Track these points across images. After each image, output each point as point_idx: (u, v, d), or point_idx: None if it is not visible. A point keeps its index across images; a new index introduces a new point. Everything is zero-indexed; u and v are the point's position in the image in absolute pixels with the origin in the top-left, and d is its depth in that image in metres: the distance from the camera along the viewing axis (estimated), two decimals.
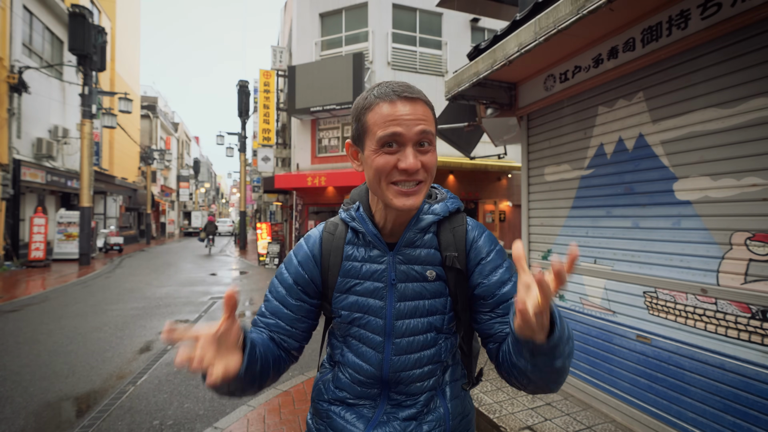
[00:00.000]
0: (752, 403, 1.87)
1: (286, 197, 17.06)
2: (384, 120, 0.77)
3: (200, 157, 48.88)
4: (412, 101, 0.79)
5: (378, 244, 0.87)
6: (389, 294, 0.86)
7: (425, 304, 0.87)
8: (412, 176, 0.78)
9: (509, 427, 2.57)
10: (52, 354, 4.19)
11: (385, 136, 0.76)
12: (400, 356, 0.86)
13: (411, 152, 0.77)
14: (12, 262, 10.82)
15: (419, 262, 0.87)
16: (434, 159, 0.81)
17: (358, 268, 0.88)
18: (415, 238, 0.87)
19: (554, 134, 3.22)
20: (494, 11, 4.75)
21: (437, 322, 0.87)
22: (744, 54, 1.92)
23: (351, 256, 0.89)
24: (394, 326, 0.86)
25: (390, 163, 0.78)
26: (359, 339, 0.89)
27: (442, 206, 0.90)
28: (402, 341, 0.86)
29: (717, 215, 2.04)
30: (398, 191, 0.78)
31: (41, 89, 12.02)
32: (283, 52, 14.66)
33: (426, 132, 0.78)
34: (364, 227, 0.88)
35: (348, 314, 0.88)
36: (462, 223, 0.91)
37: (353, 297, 0.88)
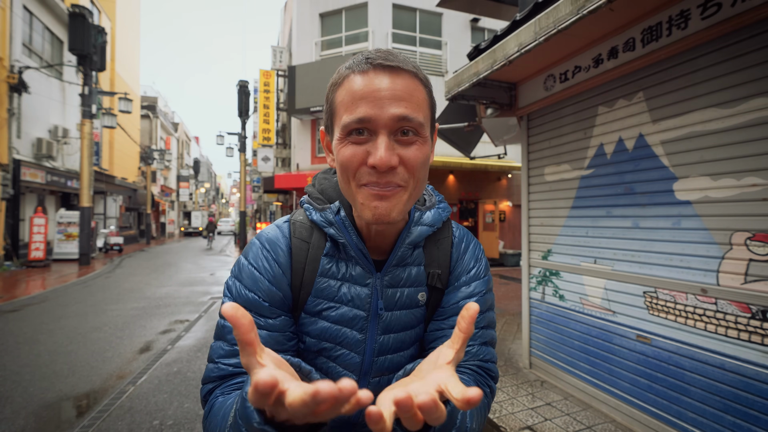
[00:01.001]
0: (752, 403, 1.87)
1: (286, 197, 17.07)
2: (352, 98, 0.57)
3: (200, 157, 48.89)
4: (392, 71, 0.57)
5: (362, 261, 0.68)
6: (371, 325, 0.69)
7: (411, 335, 0.71)
8: (384, 177, 0.57)
9: (509, 427, 2.57)
10: (52, 354, 4.19)
11: (350, 121, 0.57)
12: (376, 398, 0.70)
13: (384, 142, 0.56)
14: (12, 262, 10.82)
15: (409, 283, 0.70)
16: (422, 155, 0.59)
17: (334, 288, 0.68)
18: (406, 254, 0.70)
19: (554, 134, 3.22)
20: (494, 11, 4.76)
21: (416, 351, 0.73)
22: (744, 54, 1.92)
23: (328, 272, 0.69)
24: (373, 364, 0.69)
25: (356, 157, 0.58)
26: (327, 373, 0.70)
27: (434, 215, 0.72)
28: (381, 380, 0.70)
29: (717, 215, 2.04)
30: (369, 193, 0.59)
31: (41, 89, 12.02)
32: (283, 52, 14.66)
33: (406, 118, 0.56)
34: (346, 237, 0.67)
35: (315, 342, 0.69)
36: (448, 235, 0.76)
37: (324, 323, 0.68)
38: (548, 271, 3.30)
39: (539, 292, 3.40)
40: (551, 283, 3.26)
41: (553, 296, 3.23)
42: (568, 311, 3.07)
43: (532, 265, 3.49)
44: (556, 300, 3.19)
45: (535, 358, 3.45)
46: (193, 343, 4.59)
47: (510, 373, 3.45)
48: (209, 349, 0.68)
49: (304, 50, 12.61)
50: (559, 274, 3.18)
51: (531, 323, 3.49)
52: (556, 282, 3.20)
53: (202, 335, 4.93)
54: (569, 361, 3.04)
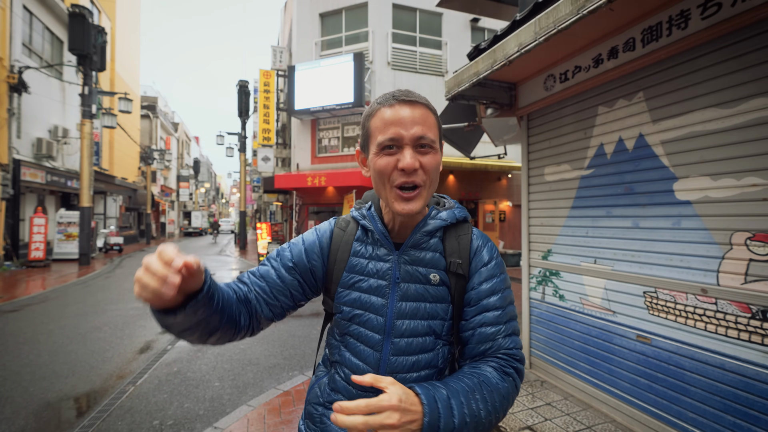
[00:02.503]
0: (752, 403, 1.87)
1: (286, 197, 17.06)
2: (384, 124, 0.81)
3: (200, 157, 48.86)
4: (411, 104, 0.82)
5: (385, 243, 0.89)
6: (392, 292, 0.87)
7: (426, 307, 0.87)
8: (410, 176, 0.80)
9: (509, 427, 2.57)
10: (52, 354, 4.19)
11: (384, 140, 0.80)
12: (398, 357, 0.85)
13: (409, 153, 0.80)
14: (12, 262, 10.82)
15: (424, 264, 0.88)
16: (434, 161, 0.83)
17: (364, 264, 0.90)
18: (421, 240, 0.89)
19: (554, 134, 3.22)
20: (494, 11, 4.75)
21: (437, 327, 0.87)
22: (744, 54, 1.92)
23: (358, 253, 0.91)
24: (394, 325, 0.86)
25: (390, 165, 0.81)
26: (358, 338, 0.89)
27: (449, 213, 0.92)
28: (401, 341, 0.86)
29: (717, 215, 2.04)
30: (399, 195, 0.81)
31: (41, 89, 12.02)
32: (283, 52, 14.66)
33: (423, 136, 0.80)
34: (373, 225, 0.91)
35: (350, 310, 0.89)
36: (467, 232, 0.93)
37: (356, 293, 0.89)
38: (548, 271, 3.30)
39: (539, 292, 3.40)
40: (551, 283, 3.26)
41: (553, 296, 3.23)
42: (568, 311, 3.07)
43: (532, 265, 3.49)
44: (556, 300, 3.19)
45: (535, 358, 3.45)
46: None
47: None
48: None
49: (304, 50, 12.60)
50: (559, 274, 3.18)
51: (531, 323, 3.49)
52: (556, 282, 3.20)
53: None
54: (569, 361, 3.04)
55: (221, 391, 3.36)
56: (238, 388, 3.46)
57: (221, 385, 3.48)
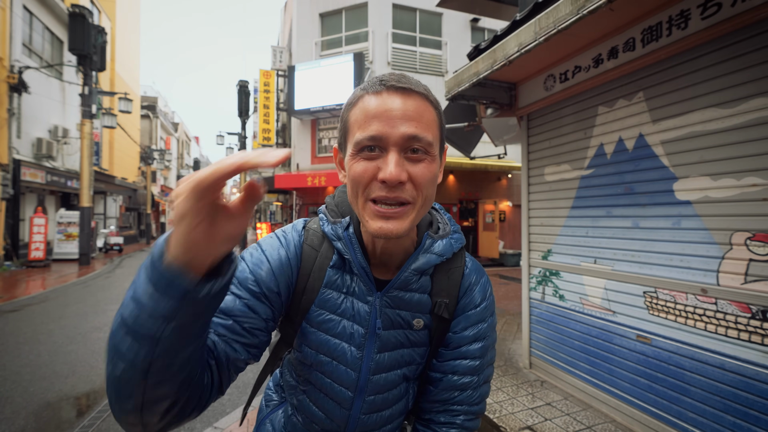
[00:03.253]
0: (752, 403, 1.87)
1: (286, 197, 17.06)
2: (365, 117, 0.60)
3: (200, 157, 48.88)
4: (404, 93, 0.60)
5: (364, 280, 0.70)
6: (369, 343, 0.70)
7: (404, 354, 0.73)
8: (393, 191, 0.59)
9: (509, 427, 2.57)
10: (52, 354, 4.18)
11: (363, 138, 0.59)
12: (371, 414, 0.72)
13: (394, 158, 0.58)
14: (12, 262, 10.82)
15: (409, 308, 0.72)
16: (429, 173, 0.61)
17: (338, 301, 0.70)
18: (411, 280, 0.71)
19: (554, 134, 3.22)
20: (494, 11, 4.75)
21: (410, 372, 0.75)
22: (744, 54, 1.92)
23: (333, 284, 0.71)
24: (369, 381, 0.71)
25: (368, 172, 0.60)
26: (322, 389, 0.72)
27: (446, 245, 0.73)
28: (376, 398, 0.72)
29: (717, 215, 2.04)
30: (376, 212, 0.60)
31: (41, 89, 12.02)
32: (283, 52, 14.66)
33: (416, 137, 0.59)
34: (351, 254, 0.69)
35: (313, 354, 0.71)
36: (460, 265, 0.76)
37: (323, 336, 0.70)
38: (548, 271, 3.30)
39: (539, 292, 3.40)
40: (551, 283, 3.26)
41: (553, 296, 3.23)
42: (568, 311, 3.06)
43: (532, 265, 3.49)
44: (556, 300, 3.19)
45: (535, 358, 3.45)
46: None
47: (510, 373, 3.45)
48: None
49: (304, 50, 12.60)
50: (559, 274, 3.18)
51: (531, 323, 3.49)
52: (556, 282, 3.20)
53: None
54: (569, 361, 3.04)
55: None
56: (239, 388, 3.46)
57: None
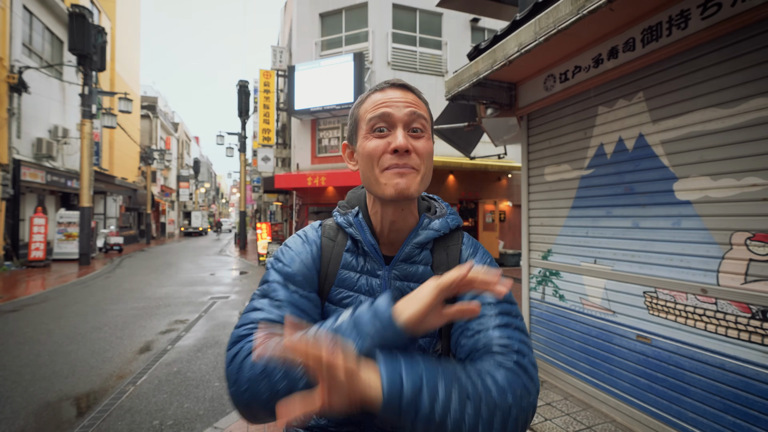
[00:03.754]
0: (752, 403, 1.87)
1: (286, 197, 17.06)
2: (374, 105, 0.77)
3: (200, 157, 48.87)
4: (403, 88, 0.79)
5: (374, 255, 0.81)
6: None
7: None
8: (402, 158, 0.74)
9: None
10: (52, 354, 4.18)
11: (374, 117, 0.75)
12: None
13: (402, 132, 0.74)
14: (12, 262, 10.82)
15: (415, 279, 0.81)
16: (428, 147, 0.78)
17: (353, 279, 0.81)
18: (413, 253, 0.81)
19: (554, 134, 3.22)
20: (494, 11, 4.75)
21: (424, 343, 0.80)
22: (744, 54, 1.92)
23: (349, 265, 0.82)
24: None
25: (380, 147, 0.75)
26: None
27: (442, 222, 0.84)
28: None
29: (717, 215, 2.04)
30: (392, 172, 0.74)
31: (41, 89, 12.02)
32: (283, 52, 14.66)
33: (417, 114, 0.76)
34: (361, 236, 0.82)
35: None
36: (457, 242, 0.86)
37: (343, 311, 0.79)
38: (548, 271, 3.30)
39: (539, 292, 3.40)
40: (551, 283, 3.26)
41: (553, 296, 3.23)
42: (568, 311, 3.07)
43: (532, 265, 3.49)
44: (556, 300, 3.19)
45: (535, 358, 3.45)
46: (193, 343, 4.59)
47: None
48: (247, 306, 0.76)
49: (304, 50, 12.60)
50: (559, 274, 3.18)
51: (531, 323, 3.49)
52: (556, 282, 3.20)
53: (203, 335, 4.93)
54: (569, 361, 3.04)
55: (221, 391, 3.36)
56: None
57: (221, 385, 3.48)
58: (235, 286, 8.83)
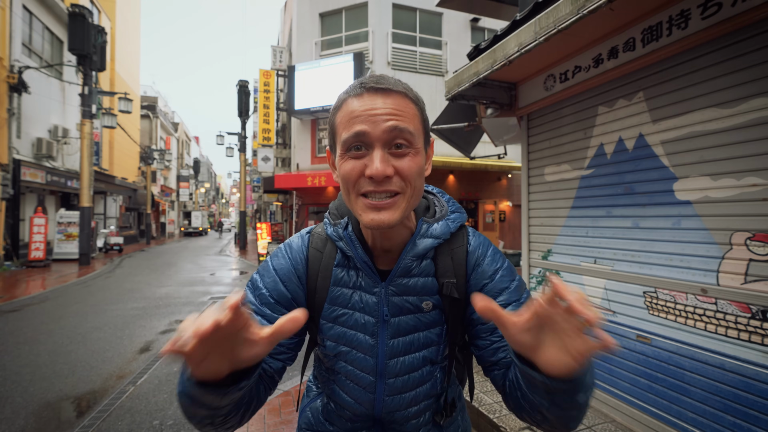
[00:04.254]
0: (752, 403, 1.87)
1: (286, 197, 17.06)
2: (349, 118, 0.65)
3: (200, 157, 48.90)
4: (383, 93, 0.65)
5: (368, 273, 0.74)
6: (381, 330, 0.75)
7: (420, 337, 0.76)
8: (381, 185, 0.64)
9: (509, 427, 2.57)
10: (52, 354, 4.19)
11: (348, 137, 0.64)
12: (393, 396, 0.76)
13: (379, 155, 0.63)
14: (12, 262, 10.82)
15: (414, 292, 0.75)
16: (415, 165, 0.66)
17: (347, 296, 0.76)
18: (411, 266, 0.74)
19: (554, 134, 3.22)
20: (494, 11, 4.75)
21: (432, 354, 0.77)
22: (744, 54, 1.92)
23: (340, 281, 0.76)
24: (386, 365, 0.75)
25: (356, 170, 0.65)
26: (347, 376, 0.78)
27: (442, 227, 0.75)
28: (396, 381, 0.76)
29: (717, 215, 2.04)
30: (368, 204, 0.65)
31: (41, 89, 12.02)
32: (283, 51, 14.66)
33: (398, 129, 0.63)
34: (352, 251, 0.74)
35: (334, 346, 0.77)
36: (462, 243, 0.78)
37: (340, 329, 0.77)
38: (548, 271, 3.30)
39: (539, 292, 3.40)
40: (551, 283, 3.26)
41: None
42: None
43: (532, 265, 3.49)
44: None
45: None
46: None
47: None
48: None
49: (304, 50, 12.61)
50: (559, 274, 3.18)
51: None
52: None
53: None
54: None
55: None
56: None
57: None
58: (235, 286, 8.83)
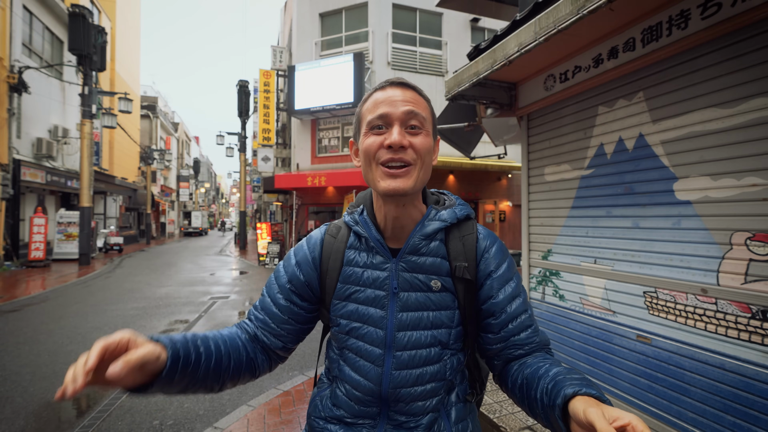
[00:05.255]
0: (752, 403, 1.87)
1: (286, 197, 17.06)
2: (374, 104, 0.80)
3: (200, 157, 48.90)
4: (402, 87, 0.81)
5: (381, 250, 0.83)
6: (391, 303, 0.82)
7: (429, 316, 0.82)
8: (397, 153, 0.77)
9: (509, 427, 2.57)
10: (52, 354, 4.19)
11: (373, 118, 0.79)
12: (400, 371, 0.81)
13: (397, 129, 0.77)
14: (12, 262, 10.82)
15: (424, 270, 0.82)
16: (426, 143, 0.79)
17: (359, 274, 0.84)
18: (420, 245, 0.82)
19: (554, 134, 3.22)
20: (494, 11, 4.75)
21: (442, 336, 0.82)
22: (744, 54, 1.92)
23: (352, 261, 0.85)
24: (395, 338, 0.81)
25: (377, 142, 0.78)
26: (357, 352, 0.84)
27: (449, 213, 0.86)
28: (403, 354, 0.81)
29: (717, 215, 2.04)
30: (385, 172, 0.78)
31: (41, 89, 12.02)
32: (283, 52, 14.66)
33: (413, 112, 0.78)
34: (366, 231, 0.84)
35: (346, 323, 0.84)
36: (472, 231, 0.87)
37: (353, 305, 0.84)
38: (548, 271, 3.30)
39: (539, 292, 3.40)
40: (551, 283, 3.26)
41: (553, 296, 3.23)
42: (568, 311, 3.07)
43: (532, 265, 3.49)
44: (556, 300, 3.19)
45: None
46: None
47: None
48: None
49: (304, 50, 12.60)
50: (559, 274, 3.18)
51: None
52: (556, 282, 3.20)
53: None
54: (569, 361, 3.04)
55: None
56: (238, 388, 3.46)
57: None
58: (235, 286, 8.83)
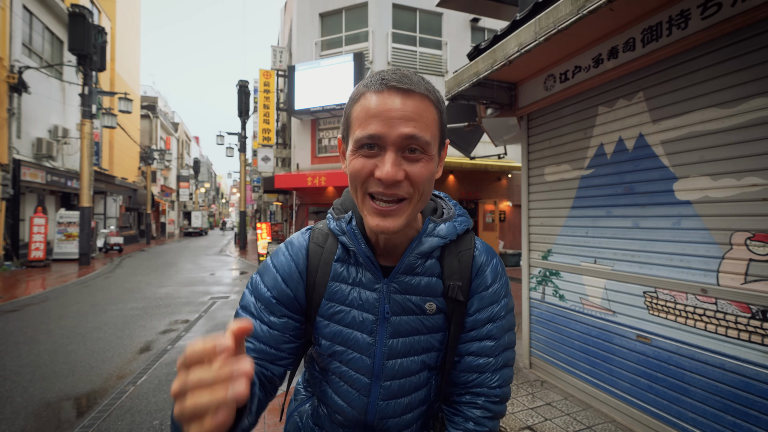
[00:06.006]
0: (752, 403, 1.87)
1: (286, 197, 17.06)
2: (365, 115, 0.62)
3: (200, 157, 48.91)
4: (404, 93, 0.61)
5: (371, 268, 0.72)
6: (380, 329, 0.72)
7: (421, 341, 0.74)
8: (389, 189, 0.62)
9: (509, 427, 2.57)
10: (52, 354, 4.18)
11: (363, 137, 0.62)
12: (388, 401, 0.74)
13: (391, 158, 0.61)
14: (12, 262, 10.81)
15: (418, 292, 0.73)
16: (426, 172, 0.64)
17: (345, 292, 0.73)
18: (415, 264, 0.72)
19: (554, 134, 3.22)
20: (494, 11, 4.75)
21: (431, 360, 0.75)
22: (744, 54, 1.92)
23: (339, 276, 0.74)
24: (383, 367, 0.73)
25: (365, 169, 0.63)
26: (341, 377, 0.75)
27: (449, 227, 0.74)
28: (392, 384, 0.73)
29: (717, 215, 2.04)
30: (373, 208, 0.64)
31: (41, 89, 12.01)
32: (283, 52, 14.65)
33: (414, 137, 0.61)
34: (355, 246, 0.72)
35: (329, 345, 0.75)
36: (470, 247, 0.77)
37: (336, 327, 0.74)
38: (548, 271, 3.30)
39: (539, 292, 3.40)
40: (551, 283, 3.26)
41: (553, 296, 3.23)
42: (568, 311, 3.06)
43: (532, 265, 3.49)
44: (556, 300, 3.19)
45: (535, 358, 3.45)
46: None
47: None
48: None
49: (304, 50, 12.60)
50: (559, 274, 3.18)
51: (531, 323, 3.49)
52: (556, 282, 3.20)
53: (203, 335, 4.92)
54: (569, 361, 3.04)
55: None
56: None
57: None
58: (235, 286, 8.82)
